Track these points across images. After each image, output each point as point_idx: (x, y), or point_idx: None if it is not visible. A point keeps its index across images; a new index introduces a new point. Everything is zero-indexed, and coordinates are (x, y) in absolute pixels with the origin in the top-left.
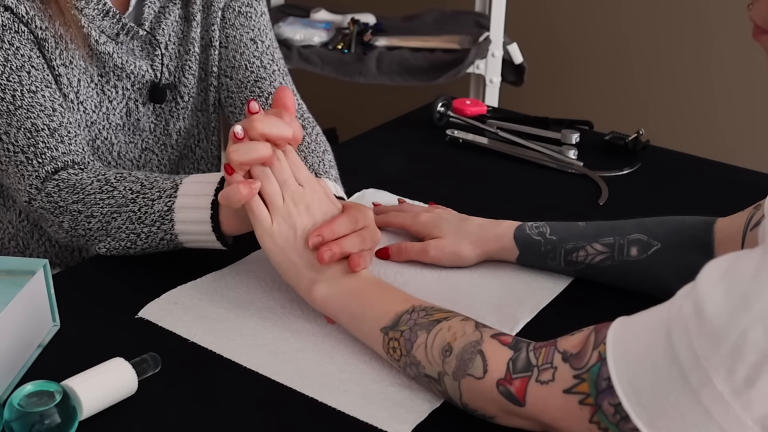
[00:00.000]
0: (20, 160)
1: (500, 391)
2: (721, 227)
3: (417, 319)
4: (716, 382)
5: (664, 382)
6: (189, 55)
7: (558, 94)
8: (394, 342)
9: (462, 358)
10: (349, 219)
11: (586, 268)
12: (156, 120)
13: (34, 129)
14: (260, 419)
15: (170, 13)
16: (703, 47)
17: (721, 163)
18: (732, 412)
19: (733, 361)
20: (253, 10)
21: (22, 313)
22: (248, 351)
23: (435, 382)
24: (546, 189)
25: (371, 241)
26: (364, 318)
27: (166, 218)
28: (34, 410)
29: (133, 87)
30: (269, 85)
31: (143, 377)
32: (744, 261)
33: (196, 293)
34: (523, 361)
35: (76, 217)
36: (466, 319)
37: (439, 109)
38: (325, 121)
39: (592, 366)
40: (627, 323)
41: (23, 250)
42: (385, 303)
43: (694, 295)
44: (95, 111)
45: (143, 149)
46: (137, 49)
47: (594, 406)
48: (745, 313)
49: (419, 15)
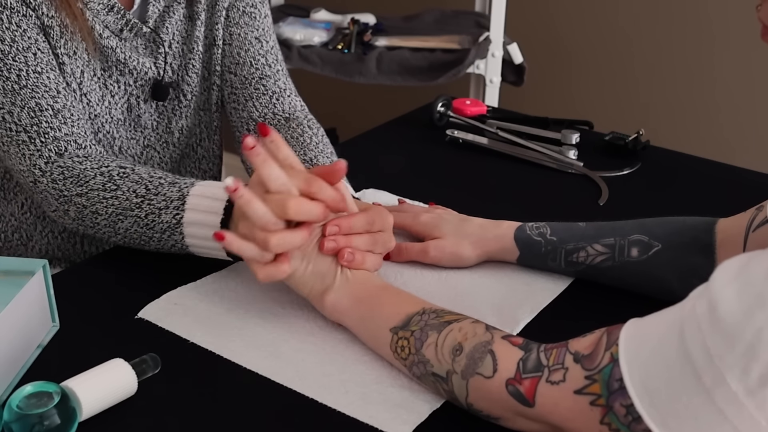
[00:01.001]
0: (22, 139)
1: (509, 391)
2: (723, 228)
3: (428, 320)
4: (730, 382)
5: (677, 382)
6: (192, 54)
7: (558, 94)
8: (404, 341)
9: (472, 357)
10: (366, 219)
11: (586, 269)
12: (158, 117)
13: (38, 108)
14: (260, 420)
15: (174, 12)
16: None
17: (721, 164)
18: (746, 412)
19: (748, 361)
20: (257, 11)
21: (21, 313)
22: (248, 352)
23: (442, 381)
24: (546, 189)
25: (383, 246)
26: (373, 319)
27: (175, 230)
28: (34, 411)
29: (135, 83)
30: (273, 83)
31: (143, 378)
32: (758, 261)
33: (196, 294)
34: (533, 362)
35: (82, 211)
36: (476, 321)
37: (439, 109)
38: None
39: (604, 367)
40: (640, 324)
41: (26, 243)
42: (395, 305)
43: (707, 294)
44: (98, 104)
45: (145, 146)
46: (141, 47)
47: (605, 407)
48: (760, 312)
49: (419, 15)
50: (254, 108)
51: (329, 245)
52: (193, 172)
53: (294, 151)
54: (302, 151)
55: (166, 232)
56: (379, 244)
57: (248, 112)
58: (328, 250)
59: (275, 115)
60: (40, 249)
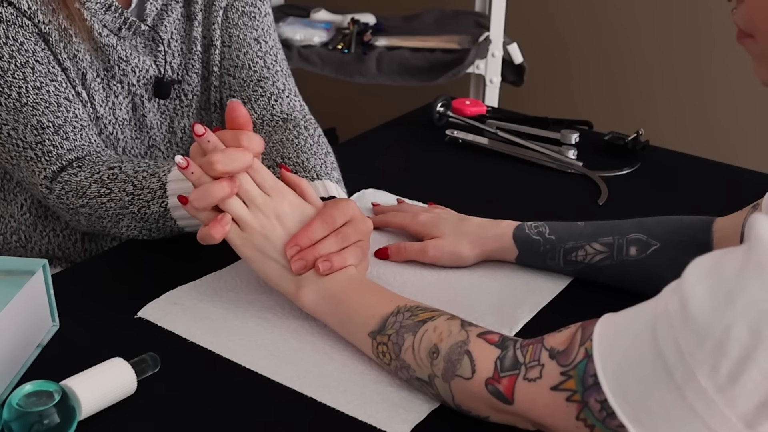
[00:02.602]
0: (30, 156)
1: (489, 390)
2: (720, 227)
3: (402, 321)
4: (700, 378)
5: (649, 378)
6: (192, 53)
7: (558, 94)
8: (383, 347)
9: (450, 360)
10: (324, 221)
11: (585, 268)
12: (162, 117)
13: (40, 126)
14: (260, 419)
15: (172, 11)
16: (703, 47)
17: (721, 163)
18: (716, 409)
19: (717, 357)
20: (257, 10)
21: (21, 313)
22: (248, 351)
23: (426, 385)
24: (546, 189)
25: (357, 234)
26: (351, 323)
27: (167, 217)
28: (33, 410)
29: (138, 82)
30: (272, 85)
31: (142, 377)
32: (730, 258)
33: (195, 293)
34: (510, 360)
35: (89, 218)
36: (452, 317)
37: (438, 109)
38: (325, 121)
39: (578, 362)
40: (614, 319)
41: (25, 245)
42: (369, 306)
43: (679, 291)
44: (102, 105)
45: (149, 146)
46: (140, 45)
47: (581, 403)
48: (728, 309)
49: (419, 15)
50: (252, 110)
51: (298, 265)
52: None
53: (288, 153)
54: (296, 153)
55: (160, 220)
56: (350, 236)
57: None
58: (299, 269)
59: (273, 117)
60: (39, 250)
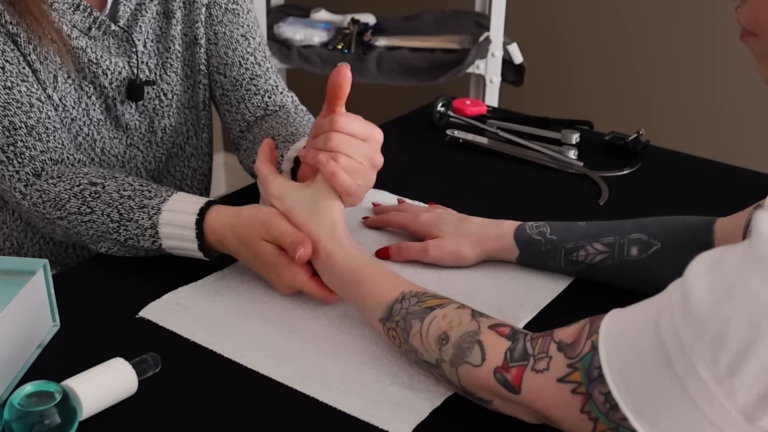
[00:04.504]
0: (1, 159)
1: (497, 378)
2: (721, 227)
3: (408, 307)
4: (700, 371)
5: (651, 370)
6: (170, 53)
7: (558, 94)
8: (393, 332)
9: (460, 347)
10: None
11: (586, 268)
12: (140, 117)
13: (12, 127)
14: (260, 419)
15: (147, 11)
16: (704, 47)
17: (721, 163)
18: (716, 401)
19: (717, 350)
20: (239, 8)
21: (22, 313)
22: (249, 351)
23: (434, 368)
24: (546, 189)
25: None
26: (364, 309)
27: (158, 251)
28: (34, 410)
29: (111, 84)
30: (265, 82)
31: (143, 377)
32: (732, 253)
33: (197, 294)
34: (520, 351)
35: (66, 232)
36: (461, 306)
37: (439, 109)
38: None
39: (585, 355)
40: (621, 314)
41: (18, 251)
42: (375, 294)
43: (682, 285)
44: (74, 107)
45: (128, 145)
46: (113, 47)
47: (585, 395)
48: (728, 302)
49: (419, 15)
50: (247, 109)
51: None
52: (182, 170)
53: (277, 131)
54: (284, 129)
55: (150, 251)
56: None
57: (241, 113)
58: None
59: (267, 113)
60: (32, 256)
